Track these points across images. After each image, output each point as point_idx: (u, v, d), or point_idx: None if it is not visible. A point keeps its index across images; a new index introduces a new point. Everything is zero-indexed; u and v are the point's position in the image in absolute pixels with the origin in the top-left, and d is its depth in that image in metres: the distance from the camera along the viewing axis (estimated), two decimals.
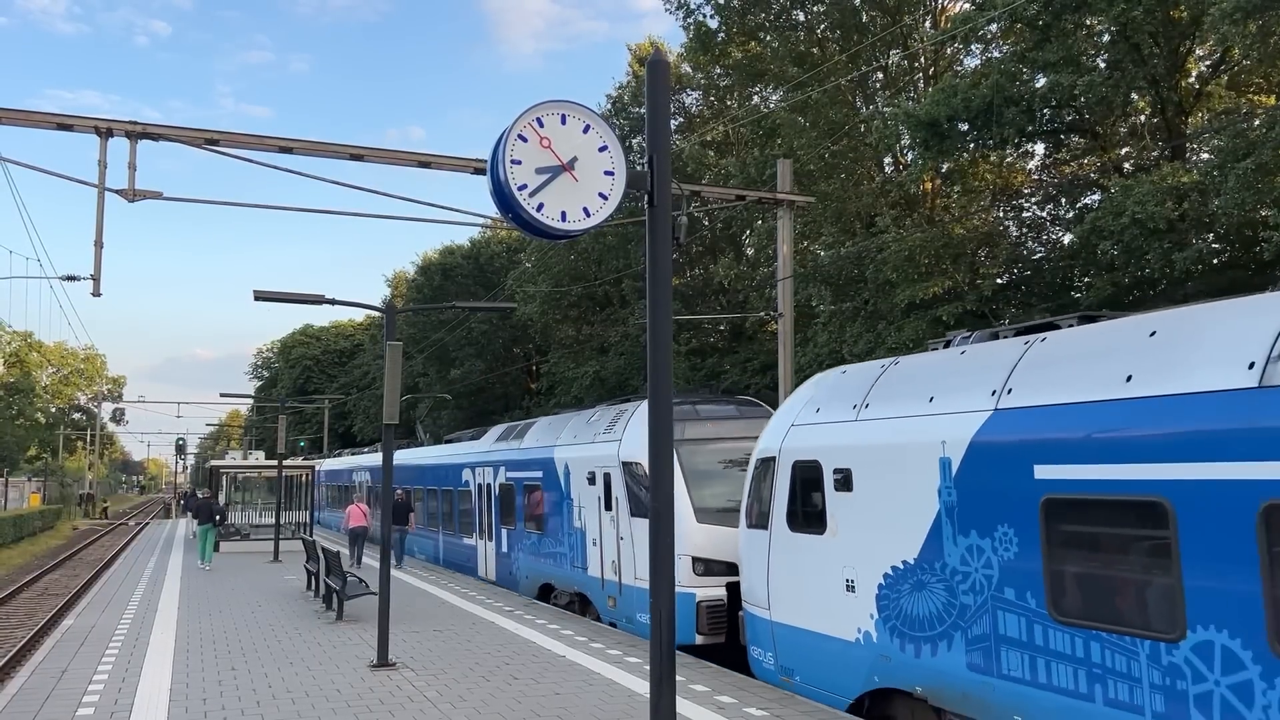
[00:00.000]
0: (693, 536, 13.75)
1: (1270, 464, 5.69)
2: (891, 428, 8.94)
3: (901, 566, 8.67)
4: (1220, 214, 16.46)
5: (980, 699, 7.75)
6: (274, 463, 30.04)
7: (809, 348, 26.35)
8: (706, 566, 13.73)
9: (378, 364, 63.24)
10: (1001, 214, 25.93)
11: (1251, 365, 6.03)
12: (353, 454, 47.83)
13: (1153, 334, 6.98)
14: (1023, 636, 7.38)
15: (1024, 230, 26.00)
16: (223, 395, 37.05)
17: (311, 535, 27.59)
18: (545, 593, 18.78)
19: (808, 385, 11.19)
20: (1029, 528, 7.34)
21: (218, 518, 27.37)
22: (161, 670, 12.00)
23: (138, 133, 15.29)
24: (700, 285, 37.35)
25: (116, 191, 15.19)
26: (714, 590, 13.51)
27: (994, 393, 7.97)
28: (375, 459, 36.29)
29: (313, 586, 19.73)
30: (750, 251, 37.77)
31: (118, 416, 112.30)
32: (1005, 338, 8.83)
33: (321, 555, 17.83)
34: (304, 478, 32.69)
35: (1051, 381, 7.50)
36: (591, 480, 16.42)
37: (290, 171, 16.13)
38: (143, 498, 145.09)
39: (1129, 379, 6.81)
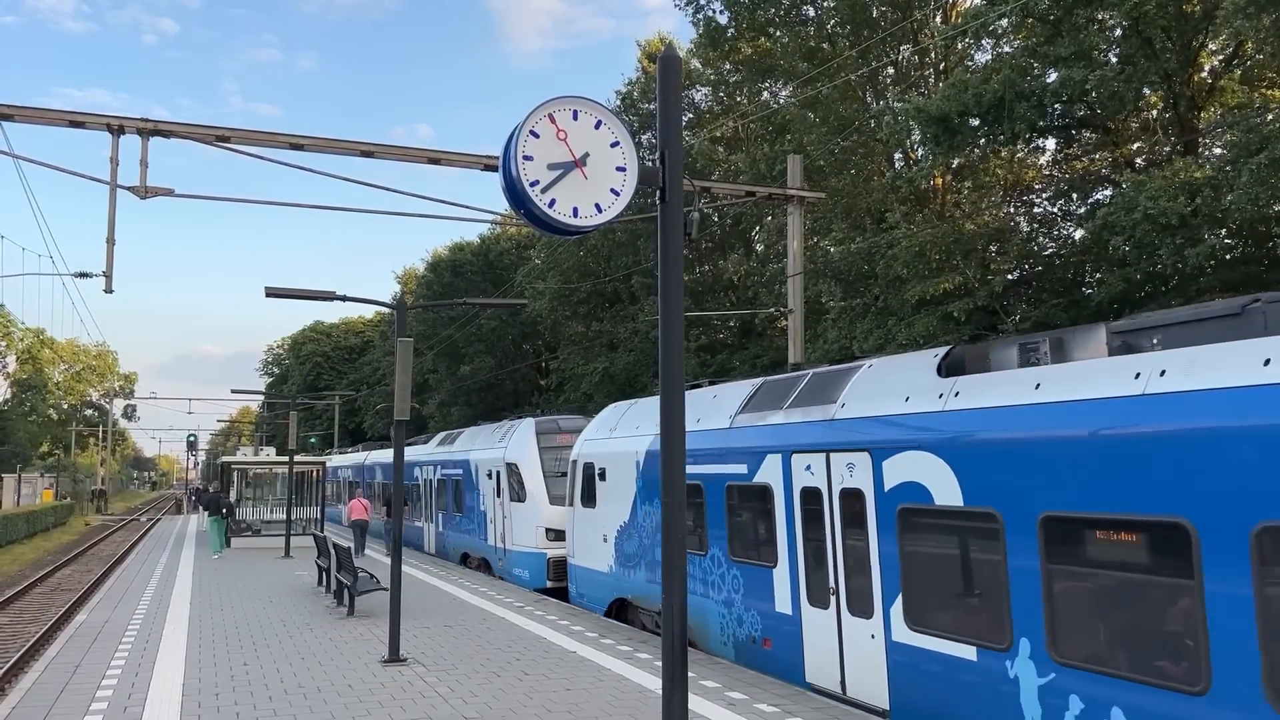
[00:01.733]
0: (546, 513, 19.75)
1: (730, 466, 11.71)
2: (622, 443, 15.04)
3: (623, 525, 14.71)
4: (1233, 209, 16.34)
5: (650, 597, 13.87)
6: (284, 459, 30.13)
7: (819, 344, 26.28)
8: (556, 535, 19.33)
9: (388, 360, 63.39)
10: (1012, 210, 25.81)
11: (730, 417, 12.13)
12: (340, 454, 50.26)
13: (714, 396, 12.98)
14: None
15: (1035, 226, 25.85)
16: (234, 392, 37.18)
17: (322, 530, 27.68)
18: (464, 560, 24.80)
19: (600, 414, 17.01)
20: None
21: (225, 511, 27.80)
22: (174, 665, 12.07)
23: (149, 130, 15.34)
24: (710, 281, 37.24)
25: (128, 188, 15.24)
26: (558, 551, 19.07)
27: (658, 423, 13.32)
28: (357, 458, 42.60)
29: (324, 582, 19.80)
30: (760, 248, 37.71)
31: (129, 413, 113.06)
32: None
33: (333, 551, 17.89)
34: (314, 474, 32.74)
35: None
36: (490, 476, 22.31)
37: (300, 168, 16.16)
38: (154, 494, 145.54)
39: (699, 420, 12.72)
